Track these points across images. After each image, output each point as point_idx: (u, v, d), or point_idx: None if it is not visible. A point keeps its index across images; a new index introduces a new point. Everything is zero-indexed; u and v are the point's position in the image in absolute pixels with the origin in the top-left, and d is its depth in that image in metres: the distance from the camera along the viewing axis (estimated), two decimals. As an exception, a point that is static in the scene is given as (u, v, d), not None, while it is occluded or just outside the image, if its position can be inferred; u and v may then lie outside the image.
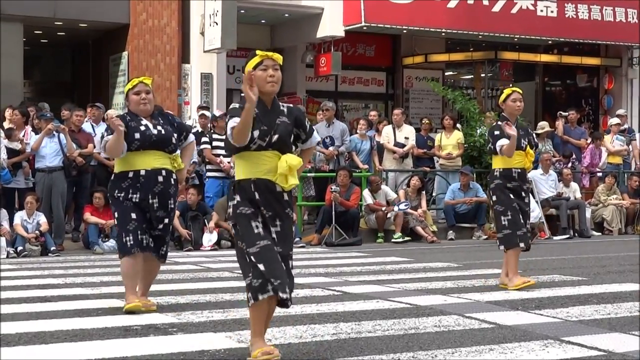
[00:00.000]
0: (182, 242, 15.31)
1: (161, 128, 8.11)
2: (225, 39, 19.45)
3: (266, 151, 5.80)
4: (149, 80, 8.32)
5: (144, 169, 7.95)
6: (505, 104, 9.77)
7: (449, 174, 19.12)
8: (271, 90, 5.88)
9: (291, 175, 5.82)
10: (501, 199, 9.62)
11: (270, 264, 5.65)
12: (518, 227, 9.57)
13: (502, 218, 9.64)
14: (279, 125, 5.85)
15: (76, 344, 6.44)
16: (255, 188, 5.77)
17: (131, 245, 7.93)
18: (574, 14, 24.27)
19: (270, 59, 5.87)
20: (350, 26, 22.00)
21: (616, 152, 21.22)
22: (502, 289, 9.48)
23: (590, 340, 6.46)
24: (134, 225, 7.95)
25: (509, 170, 9.63)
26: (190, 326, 7.20)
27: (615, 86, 27.16)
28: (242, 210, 5.79)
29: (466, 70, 27.88)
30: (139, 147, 7.96)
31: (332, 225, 16.24)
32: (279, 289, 5.62)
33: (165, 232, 8.17)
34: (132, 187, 7.94)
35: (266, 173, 5.79)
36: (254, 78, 5.69)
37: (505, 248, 9.67)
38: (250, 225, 5.74)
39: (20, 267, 12.28)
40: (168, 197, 8.05)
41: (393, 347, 6.25)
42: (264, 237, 5.73)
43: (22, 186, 15.23)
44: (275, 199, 5.82)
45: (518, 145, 9.61)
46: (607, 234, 19.34)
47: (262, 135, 5.77)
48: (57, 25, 21.02)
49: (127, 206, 7.97)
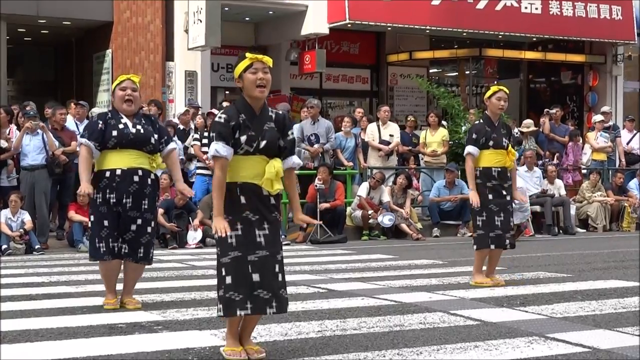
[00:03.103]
0: (166, 240, 15.28)
1: (140, 127, 8.05)
2: (209, 37, 19.43)
3: (254, 156, 5.78)
4: (136, 78, 8.28)
5: (120, 168, 7.91)
6: (489, 101, 9.80)
7: (434, 171, 19.13)
8: (260, 96, 5.85)
9: (277, 181, 5.81)
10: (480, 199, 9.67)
11: (237, 277, 5.69)
12: (491, 229, 9.66)
13: (477, 218, 9.75)
14: (267, 131, 5.83)
15: (61, 342, 6.42)
16: (241, 192, 5.75)
17: (103, 252, 7.95)
18: (558, 11, 24.34)
19: (260, 61, 5.84)
20: (335, 24, 22.02)
21: (600, 149, 21.27)
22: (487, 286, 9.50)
23: (575, 336, 6.48)
24: (106, 233, 7.92)
25: (489, 169, 9.68)
26: (176, 324, 7.19)
27: (599, 83, 27.23)
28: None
29: (450, 67, 27.91)
30: (116, 145, 7.92)
31: (317, 223, 16.22)
32: (238, 306, 5.67)
33: (140, 234, 8.03)
34: (109, 187, 7.89)
35: (253, 177, 5.77)
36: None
37: (477, 248, 9.79)
38: (225, 234, 5.71)
39: (4, 266, 12.23)
40: (142, 197, 7.98)
41: (378, 345, 6.25)
42: (236, 248, 5.72)
43: (6, 184, 15.17)
44: (261, 203, 5.80)
45: (499, 144, 9.66)
46: (591, 231, 19.39)
47: (250, 140, 5.75)
48: (41, 23, 20.96)
49: (102, 212, 7.93)
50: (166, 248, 15.01)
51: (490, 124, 9.75)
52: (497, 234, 9.67)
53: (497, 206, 9.66)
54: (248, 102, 5.87)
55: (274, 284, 5.77)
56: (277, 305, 5.76)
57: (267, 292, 5.72)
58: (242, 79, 5.87)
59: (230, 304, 5.69)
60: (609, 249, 14.40)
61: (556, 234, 18.47)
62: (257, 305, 5.71)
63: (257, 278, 5.71)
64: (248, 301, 5.69)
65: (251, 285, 5.69)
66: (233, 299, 5.68)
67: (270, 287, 5.74)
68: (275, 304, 5.75)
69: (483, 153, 9.69)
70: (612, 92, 27.06)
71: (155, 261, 12.22)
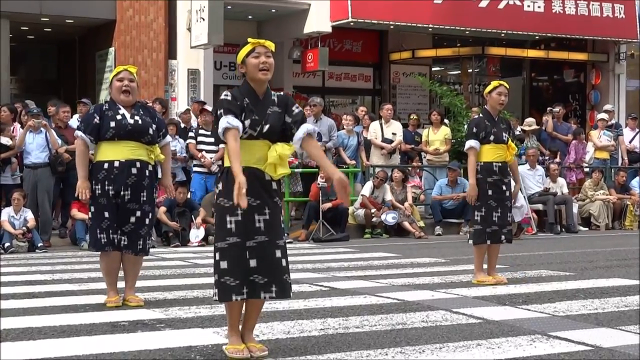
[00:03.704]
0: (169, 238, 15.29)
1: (138, 118, 8.03)
2: (212, 35, 19.45)
3: (257, 140, 5.75)
4: (134, 69, 8.28)
5: (118, 160, 7.89)
6: (490, 96, 9.81)
7: (436, 169, 19.13)
8: (263, 79, 5.85)
9: (280, 165, 5.77)
10: (478, 194, 9.68)
11: (233, 263, 5.67)
12: (488, 225, 9.69)
13: (476, 213, 9.79)
14: (270, 115, 5.80)
15: (63, 340, 6.43)
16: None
17: (104, 243, 7.96)
18: (560, 9, 24.33)
19: (263, 46, 5.88)
20: (337, 22, 22.02)
21: (603, 148, 21.28)
22: (489, 284, 9.50)
23: (578, 335, 6.48)
24: (107, 224, 7.93)
25: (489, 164, 9.69)
26: (178, 322, 7.19)
27: (602, 81, 27.22)
28: (221, 201, 5.77)
29: (453, 65, 27.90)
30: (114, 136, 7.90)
31: (320, 221, 16.23)
32: (233, 292, 5.65)
33: (139, 226, 8.03)
34: (107, 179, 7.88)
35: (255, 162, 5.72)
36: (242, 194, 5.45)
37: (473, 243, 9.81)
38: (225, 219, 5.71)
39: (7, 264, 12.24)
40: (141, 189, 7.97)
41: (380, 343, 6.25)
42: (235, 234, 5.69)
43: (10, 182, 15.18)
44: (263, 188, 5.75)
45: (500, 138, 9.67)
46: (594, 229, 19.38)
47: (253, 124, 5.72)
48: (44, 21, 20.95)
49: (102, 204, 7.93)
50: (169, 246, 15.02)
51: (490, 119, 9.75)
52: (493, 229, 9.70)
53: (496, 202, 9.68)
54: (252, 87, 5.85)
55: (275, 269, 5.73)
56: (277, 290, 5.72)
57: (263, 277, 5.69)
58: (245, 64, 5.87)
59: (225, 289, 5.68)
60: (612, 248, 14.39)
61: (558, 232, 18.46)
62: (252, 289, 5.68)
63: (254, 264, 5.68)
64: (244, 286, 5.67)
65: (247, 271, 5.67)
66: (228, 284, 5.66)
67: (268, 272, 5.70)
68: (275, 288, 5.71)
69: (484, 148, 9.69)
70: (614, 90, 27.04)
71: (158, 259, 12.28)
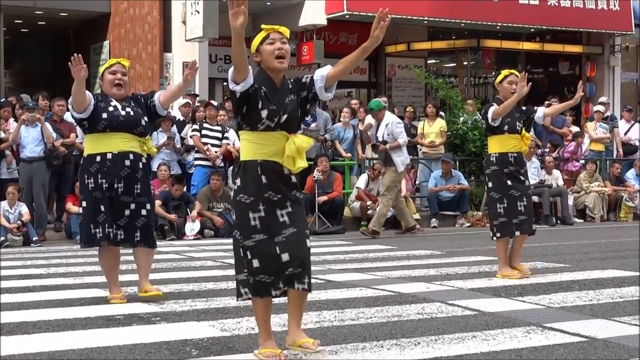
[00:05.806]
0: (164, 231, 15.28)
1: (130, 110, 7.96)
2: (207, 28, 19.43)
3: (274, 132, 5.53)
4: (126, 62, 8.24)
5: (111, 152, 7.79)
6: (501, 86, 9.72)
7: (432, 162, 19.13)
8: (280, 67, 5.62)
9: (299, 158, 5.57)
10: (497, 186, 9.51)
11: (265, 261, 5.45)
12: (514, 215, 9.46)
13: (498, 206, 9.50)
14: (288, 104, 5.61)
15: (59, 334, 6.42)
16: (262, 171, 5.50)
17: (100, 237, 7.80)
18: (556, 1, 24.34)
19: (277, 32, 5.63)
20: (333, 14, 22.01)
21: (599, 140, 21.31)
22: (485, 276, 9.50)
23: (573, 326, 6.48)
24: (103, 218, 7.78)
25: (505, 154, 9.50)
26: (173, 315, 7.19)
27: (597, 74, 27.23)
28: (241, 198, 5.54)
29: (449, 58, 27.91)
30: (106, 127, 7.81)
31: (316, 214, 16.23)
32: (272, 287, 5.47)
33: (134, 218, 7.87)
34: (100, 172, 7.76)
35: (273, 155, 5.52)
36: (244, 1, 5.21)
37: (501, 235, 9.52)
38: (247, 216, 5.50)
39: (2, 258, 12.23)
40: (134, 181, 7.85)
41: (376, 335, 6.25)
42: (260, 231, 5.48)
43: (5, 176, 15.16)
44: (283, 182, 5.56)
45: (513, 128, 9.54)
46: (589, 221, 19.40)
47: (271, 115, 5.51)
48: (38, 14, 20.95)
49: (97, 197, 7.77)
50: (164, 239, 15.00)
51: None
52: (520, 219, 9.47)
53: (519, 191, 9.47)
54: (268, 75, 5.63)
55: (306, 259, 5.52)
56: (309, 282, 5.53)
57: (296, 268, 5.48)
58: (259, 52, 5.62)
59: (261, 287, 5.46)
60: (607, 239, 14.40)
61: (554, 224, 18.47)
62: (289, 282, 5.48)
63: (287, 257, 5.46)
64: (280, 281, 5.48)
65: (281, 266, 5.46)
66: (264, 282, 5.46)
67: (300, 264, 5.48)
68: (307, 280, 5.51)
69: (499, 138, 9.53)
70: (609, 82, 27.06)
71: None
